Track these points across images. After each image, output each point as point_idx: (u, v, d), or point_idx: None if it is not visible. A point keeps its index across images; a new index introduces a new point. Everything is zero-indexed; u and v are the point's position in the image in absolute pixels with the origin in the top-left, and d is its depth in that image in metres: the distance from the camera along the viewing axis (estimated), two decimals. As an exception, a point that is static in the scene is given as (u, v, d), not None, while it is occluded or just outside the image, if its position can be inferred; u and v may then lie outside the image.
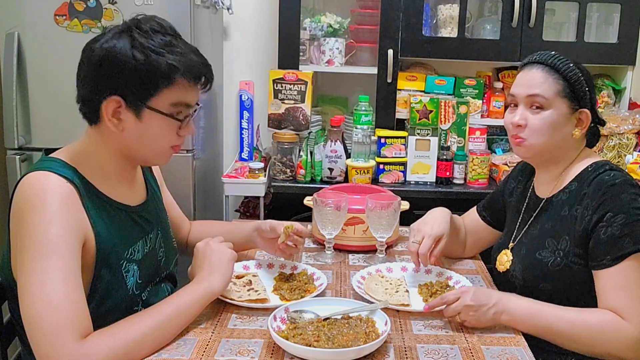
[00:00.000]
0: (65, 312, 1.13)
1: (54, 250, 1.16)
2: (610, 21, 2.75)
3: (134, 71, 1.24)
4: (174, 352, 1.21)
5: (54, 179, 1.22)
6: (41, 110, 2.32)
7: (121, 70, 1.24)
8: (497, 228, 1.76)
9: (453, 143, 2.61)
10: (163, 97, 1.28)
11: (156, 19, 1.31)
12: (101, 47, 1.26)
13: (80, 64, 1.31)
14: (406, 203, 1.93)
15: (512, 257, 1.57)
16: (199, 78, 1.32)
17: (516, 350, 1.27)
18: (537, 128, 1.49)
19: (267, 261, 1.66)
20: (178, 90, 1.29)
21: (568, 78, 1.48)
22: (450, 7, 2.68)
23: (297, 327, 1.26)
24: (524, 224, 1.60)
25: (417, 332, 1.33)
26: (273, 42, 2.74)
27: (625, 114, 2.62)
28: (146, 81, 1.25)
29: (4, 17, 2.25)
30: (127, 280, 1.34)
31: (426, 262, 1.55)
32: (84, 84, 1.30)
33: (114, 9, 2.25)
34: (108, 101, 1.26)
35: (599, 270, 1.39)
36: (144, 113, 1.28)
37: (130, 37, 1.25)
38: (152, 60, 1.24)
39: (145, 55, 1.24)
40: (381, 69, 2.63)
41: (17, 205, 1.22)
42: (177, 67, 1.26)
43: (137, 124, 1.29)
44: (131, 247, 1.36)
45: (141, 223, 1.42)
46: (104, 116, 1.28)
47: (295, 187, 2.50)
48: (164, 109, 1.29)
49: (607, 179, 1.42)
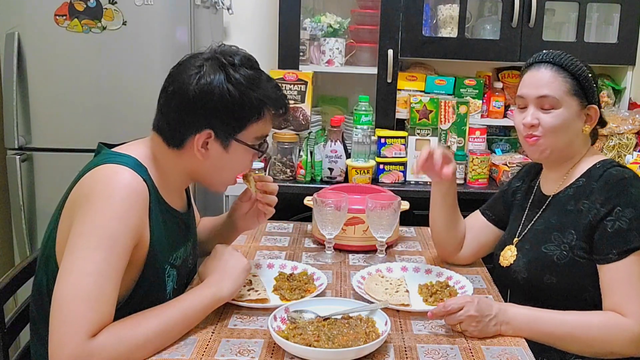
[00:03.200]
0: (91, 305, 1.13)
1: (109, 245, 1.17)
2: (610, 21, 2.75)
3: (229, 107, 1.29)
4: (174, 352, 1.21)
5: (129, 174, 1.24)
6: (41, 110, 2.32)
7: (216, 106, 1.29)
8: (501, 227, 1.75)
9: (453, 143, 2.61)
10: (251, 130, 1.34)
11: (240, 51, 1.36)
12: (198, 81, 1.28)
13: (170, 93, 1.32)
14: (406, 203, 1.93)
15: (517, 252, 1.57)
16: (282, 110, 1.37)
17: (516, 350, 1.27)
18: (550, 127, 1.48)
19: (267, 261, 1.66)
20: (264, 123, 1.36)
21: (577, 75, 1.48)
22: (450, 7, 2.69)
23: (297, 327, 1.26)
24: (529, 220, 1.60)
25: (417, 332, 1.33)
26: (273, 42, 2.74)
27: (625, 114, 2.62)
28: (238, 115, 1.31)
29: (4, 17, 2.25)
30: (167, 285, 1.37)
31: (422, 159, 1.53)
32: (175, 113, 1.31)
33: (114, 9, 2.25)
34: (201, 134, 1.31)
35: (604, 265, 1.39)
36: (232, 145, 1.34)
37: (225, 72, 1.29)
38: (244, 96, 1.29)
39: (239, 91, 1.29)
40: (381, 69, 2.63)
41: (85, 191, 1.23)
42: (266, 102, 1.32)
43: (223, 154, 1.34)
44: (175, 253, 1.39)
45: (184, 230, 1.45)
46: (192, 146, 1.32)
47: (295, 187, 2.50)
48: (250, 141, 1.35)
49: (615, 173, 1.43)
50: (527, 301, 1.41)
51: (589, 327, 1.34)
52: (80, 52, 2.28)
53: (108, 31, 2.27)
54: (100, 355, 1.12)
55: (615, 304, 1.36)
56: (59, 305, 1.14)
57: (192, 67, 1.30)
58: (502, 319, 1.33)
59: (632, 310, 1.33)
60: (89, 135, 2.28)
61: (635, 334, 1.32)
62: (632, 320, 1.33)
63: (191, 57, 1.34)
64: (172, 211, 1.38)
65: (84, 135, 2.31)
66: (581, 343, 1.35)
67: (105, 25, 2.27)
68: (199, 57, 1.32)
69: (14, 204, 2.36)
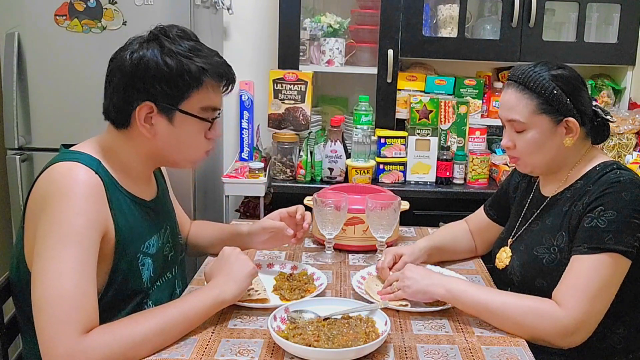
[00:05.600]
0: (75, 304, 1.14)
1: (76, 241, 1.18)
2: (610, 21, 2.75)
3: (166, 76, 1.29)
4: (174, 352, 1.21)
5: (83, 170, 1.25)
6: (41, 110, 2.32)
7: (153, 77, 1.29)
8: (504, 225, 1.74)
9: (453, 143, 2.61)
10: (193, 100, 1.33)
11: (178, 27, 1.37)
12: (132, 55, 1.30)
13: (109, 74, 1.35)
14: (406, 203, 1.93)
15: (511, 253, 1.57)
16: (225, 79, 1.37)
17: (516, 350, 1.27)
18: (523, 150, 1.49)
19: (267, 261, 1.66)
20: (207, 92, 1.34)
21: (541, 94, 1.44)
22: (450, 7, 2.69)
23: (297, 327, 1.26)
24: (525, 221, 1.60)
25: (417, 332, 1.33)
26: (273, 42, 2.74)
27: (625, 114, 2.62)
28: (177, 85, 1.30)
29: (4, 17, 2.25)
30: (143, 273, 1.37)
31: (385, 276, 1.54)
32: (116, 92, 1.33)
33: (114, 9, 2.25)
34: (140, 107, 1.31)
35: (573, 255, 1.38)
36: (176, 117, 1.33)
37: (160, 45, 1.30)
38: (182, 65, 1.30)
39: (176, 61, 1.29)
40: (381, 69, 2.63)
41: (41, 192, 1.24)
42: (205, 69, 1.31)
43: (170, 128, 1.34)
44: (147, 241, 1.39)
45: (154, 217, 1.45)
46: (136, 122, 1.32)
47: (295, 187, 2.50)
48: (195, 111, 1.34)
49: (612, 177, 1.41)
50: None
51: (520, 306, 1.33)
52: (80, 52, 2.28)
53: (108, 31, 2.27)
54: (94, 351, 1.12)
55: (560, 292, 1.34)
56: (41, 308, 1.14)
57: (129, 46, 1.33)
58: (438, 281, 1.40)
59: (568, 303, 1.31)
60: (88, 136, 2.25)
61: (562, 325, 1.31)
62: (564, 311, 1.31)
63: (130, 39, 1.36)
64: (136, 200, 1.38)
65: (84, 136, 2.29)
66: (509, 319, 1.33)
67: (105, 25, 2.27)
68: (137, 37, 1.35)
69: (13, 204, 2.36)
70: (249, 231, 1.66)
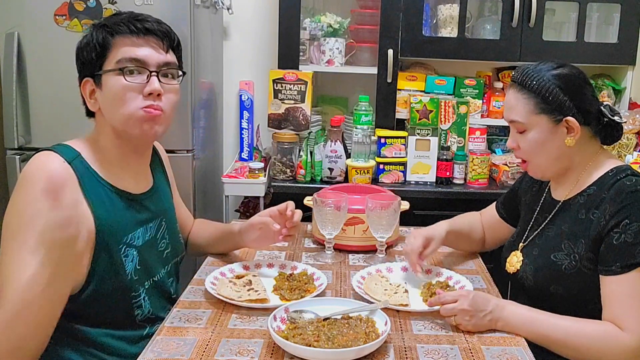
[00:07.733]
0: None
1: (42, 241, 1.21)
2: (610, 21, 2.75)
3: (84, 49, 1.37)
4: (174, 352, 1.21)
5: (56, 159, 1.28)
6: (41, 110, 2.32)
7: (81, 53, 1.38)
8: (513, 225, 1.74)
9: (453, 143, 2.61)
10: (110, 59, 1.36)
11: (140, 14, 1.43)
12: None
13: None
14: (406, 203, 1.93)
15: (523, 258, 1.56)
16: (126, 27, 1.36)
17: (516, 350, 1.27)
18: (527, 150, 1.50)
19: (267, 261, 1.66)
20: (119, 47, 1.36)
21: (539, 93, 1.43)
22: (450, 7, 2.68)
23: (297, 327, 1.26)
24: (537, 225, 1.58)
25: (417, 332, 1.33)
26: (273, 42, 2.74)
27: (625, 114, 2.62)
28: (95, 52, 1.36)
29: (4, 17, 2.25)
30: (126, 265, 1.37)
31: (414, 263, 1.55)
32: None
33: (114, 9, 2.25)
34: (82, 85, 1.39)
35: (606, 277, 1.37)
36: (102, 80, 1.37)
37: (92, 26, 1.39)
38: (96, 33, 1.37)
39: (90, 33, 1.38)
40: (381, 69, 2.63)
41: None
42: (107, 25, 1.36)
43: (101, 93, 1.37)
44: (131, 233, 1.40)
45: (141, 211, 1.45)
46: (87, 102, 1.40)
47: (295, 187, 2.50)
48: (111, 67, 1.36)
49: (628, 185, 1.38)
50: None
51: (583, 334, 1.32)
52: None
53: (108, 31, 2.27)
54: None
55: (614, 316, 1.33)
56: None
57: None
58: (497, 316, 1.34)
59: (630, 325, 1.31)
60: (88, 135, 2.28)
61: (630, 349, 1.30)
62: (629, 334, 1.31)
63: None
64: (118, 192, 1.39)
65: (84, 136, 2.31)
66: (574, 350, 1.33)
67: (105, 25, 2.27)
68: None
69: (13, 204, 2.36)
70: (239, 229, 1.66)
